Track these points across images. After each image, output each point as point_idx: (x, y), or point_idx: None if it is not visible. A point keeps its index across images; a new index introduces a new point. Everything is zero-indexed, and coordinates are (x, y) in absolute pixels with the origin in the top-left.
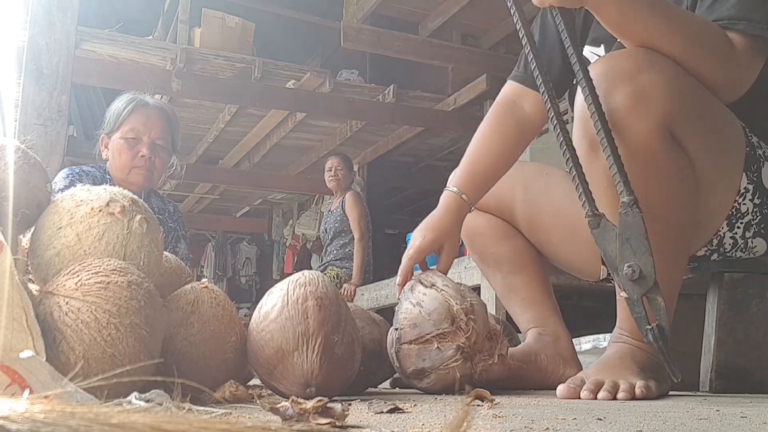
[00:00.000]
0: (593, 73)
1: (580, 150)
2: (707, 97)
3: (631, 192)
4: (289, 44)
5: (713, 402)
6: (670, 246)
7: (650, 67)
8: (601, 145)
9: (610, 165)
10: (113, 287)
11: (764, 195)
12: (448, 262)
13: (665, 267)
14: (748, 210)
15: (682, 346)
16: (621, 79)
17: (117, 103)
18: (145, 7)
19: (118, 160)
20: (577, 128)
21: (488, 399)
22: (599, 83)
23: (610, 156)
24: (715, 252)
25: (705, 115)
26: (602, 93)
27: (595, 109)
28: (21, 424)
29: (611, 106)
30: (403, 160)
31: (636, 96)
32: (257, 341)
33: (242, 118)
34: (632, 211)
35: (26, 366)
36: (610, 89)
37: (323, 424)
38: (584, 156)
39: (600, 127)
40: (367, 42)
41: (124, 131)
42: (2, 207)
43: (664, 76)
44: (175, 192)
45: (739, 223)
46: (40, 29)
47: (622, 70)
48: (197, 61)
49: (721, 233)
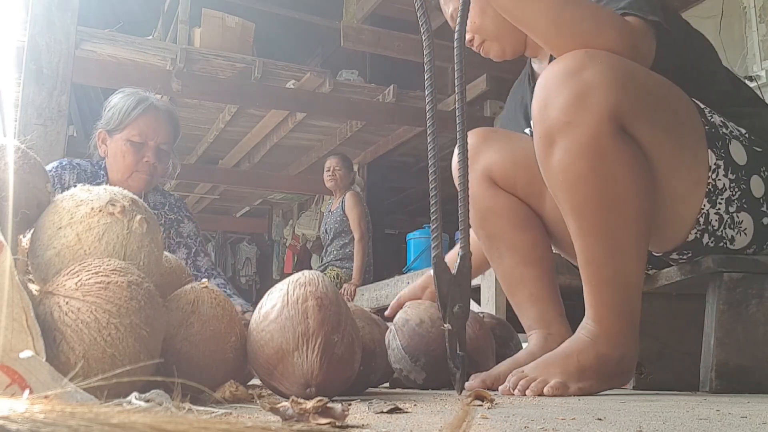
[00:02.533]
0: (543, 77)
1: (537, 151)
2: (654, 79)
3: (467, 247)
4: (289, 44)
5: (713, 402)
6: (627, 236)
7: (593, 63)
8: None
9: (461, 219)
10: (113, 287)
11: (738, 171)
12: None
13: (623, 258)
14: (725, 186)
15: (682, 346)
16: (566, 76)
17: (122, 100)
18: (145, 7)
19: (121, 162)
20: (535, 130)
21: (488, 399)
22: (548, 84)
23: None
24: (704, 232)
25: (653, 98)
26: (550, 92)
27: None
28: (21, 424)
29: (559, 103)
30: (403, 160)
31: (581, 91)
32: (257, 341)
33: (242, 118)
34: (465, 263)
35: (26, 366)
36: (558, 88)
37: (323, 424)
38: (541, 157)
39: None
40: (367, 42)
41: (130, 133)
42: (2, 207)
43: (608, 69)
44: (175, 192)
45: (720, 199)
46: (40, 29)
47: (566, 69)
48: (197, 61)
49: (705, 211)
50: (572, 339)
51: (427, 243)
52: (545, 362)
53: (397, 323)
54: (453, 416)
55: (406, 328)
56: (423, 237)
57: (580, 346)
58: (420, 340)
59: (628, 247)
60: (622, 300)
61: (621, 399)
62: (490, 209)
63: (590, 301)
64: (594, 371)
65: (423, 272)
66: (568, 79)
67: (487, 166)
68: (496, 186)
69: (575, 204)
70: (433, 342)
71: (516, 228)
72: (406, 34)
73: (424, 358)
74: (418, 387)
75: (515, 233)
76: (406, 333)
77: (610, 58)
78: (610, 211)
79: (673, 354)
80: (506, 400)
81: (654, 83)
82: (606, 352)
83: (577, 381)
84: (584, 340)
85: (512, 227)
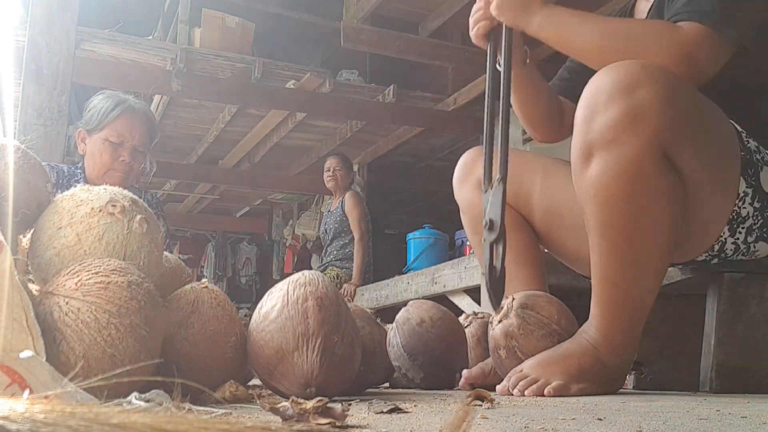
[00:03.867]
0: (592, 85)
1: (573, 158)
2: (702, 104)
3: (505, 171)
4: (289, 44)
5: (713, 402)
6: (649, 262)
7: (648, 81)
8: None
9: (501, 142)
10: (113, 287)
11: (764, 199)
12: None
13: (640, 282)
14: (749, 214)
15: (682, 346)
16: (618, 92)
17: (102, 101)
18: (145, 7)
19: (99, 160)
20: (574, 137)
21: (488, 399)
22: (597, 95)
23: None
24: (716, 257)
25: (700, 125)
26: (598, 105)
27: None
28: (21, 424)
29: (606, 119)
30: (403, 160)
31: (631, 111)
32: (257, 341)
33: (242, 118)
34: (500, 185)
35: (26, 366)
36: (607, 102)
37: (323, 424)
38: (575, 165)
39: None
40: (367, 42)
41: (107, 133)
42: (2, 207)
43: (662, 90)
44: (175, 192)
45: (741, 228)
46: (40, 29)
47: (619, 82)
48: (197, 61)
49: (723, 238)
50: (573, 341)
51: (427, 243)
52: (546, 362)
53: (398, 321)
54: (453, 416)
55: (406, 327)
56: (423, 237)
57: (582, 349)
58: (419, 339)
59: (647, 273)
60: (631, 320)
61: (621, 399)
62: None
63: (598, 313)
64: (592, 374)
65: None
66: (620, 96)
67: (479, 177)
68: None
69: (603, 221)
70: (432, 342)
71: (507, 230)
72: (406, 34)
73: (422, 357)
74: (417, 386)
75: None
76: (406, 331)
77: (665, 76)
78: (638, 237)
79: (673, 354)
80: (506, 400)
81: (701, 107)
82: (606, 360)
83: (578, 382)
84: (586, 344)
85: None
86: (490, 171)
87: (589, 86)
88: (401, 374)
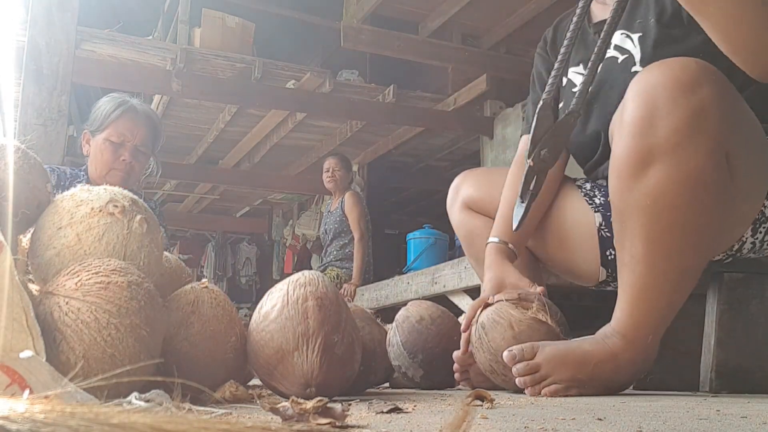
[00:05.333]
0: (646, 84)
1: (622, 166)
2: (745, 106)
3: (578, 105)
4: (289, 44)
5: (713, 402)
6: (693, 269)
7: (707, 80)
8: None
9: (588, 75)
10: (113, 287)
11: None
12: (513, 294)
13: (682, 290)
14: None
15: (682, 346)
16: (681, 92)
17: (106, 103)
18: (145, 7)
19: (100, 159)
20: (627, 142)
21: (488, 399)
22: (656, 96)
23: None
24: (731, 257)
25: (750, 127)
26: (659, 106)
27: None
28: (21, 424)
29: (672, 121)
30: (403, 160)
31: (698, 112)
32: (257, 341)
33: (242, 118)
34: (570, 120)
35: (26, 366)
36: (670, 103)
37: (323, 424)
38: (625, 173)
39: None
40: (367, 42)
41: (109, 133)
42: (2, 207)
43: (721, 91)
44: (175, 192)
45: (762, 228)
46: (40, 29)
47: (680, 82)
48: (197, 61)
49: (744, 238)
50: (593, 343)
51: (427, 243)
52: (559, 359)
53: (398, 320)
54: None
55: (405, 325)
56: (423, 237)
57: (600, 356)
58: (418, 336)
59: (688, 279)
60: (662, 325)
61: (621, 399)
62: (472, 231)
63: (627, 319)
64: (601, 381)
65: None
66: (684, 97)
67: (465, 199)
68: (474, 212)
69: (653, 230)
70: (432, 340)
71: None
72: (406, 34)
73: (422, 354)
74: (417, 386)
75: None
76: (405, 329)
77: (718, 74)
78: (688, 246)
79: (673, 354)
80: (506, 401)
81: (746, 108)
82: (624, 367)
83: (581, 387)
84: (606, 350)
85: None
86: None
87: (642, 84)
88: (401, 373)
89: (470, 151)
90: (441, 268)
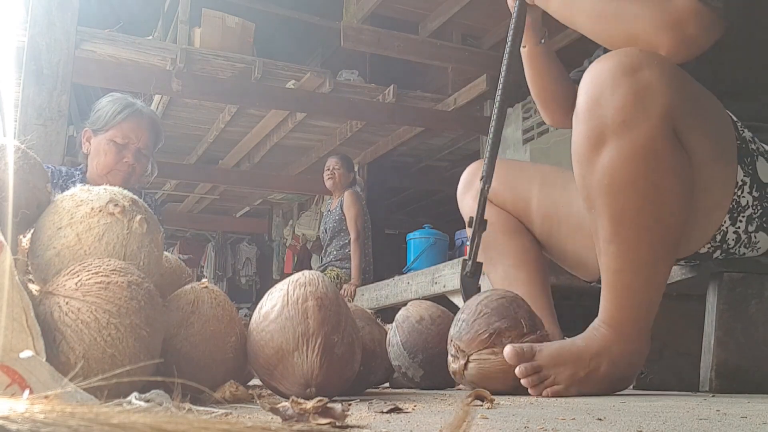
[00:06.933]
0: (593, 72)
1: (579, 150)
2: (701, 91)
3: (487, 170)
4: (289, 44)
5: (713, 402)
6: (662, 247)
7: (649, 63)
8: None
9: (490, 137)
10: (113, 287)
11: (762, 188)
12: None
13: (655, 268)
14: (748, 203)
15: (682, 346)
16: (622, 74)
17: (110, 103)
18: (145, 7)
19: (102, 159)
20: (580, 126)
21: (488, 399)
22: (600, 80)
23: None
24: (718, 249)
25: (703, 106)
26: (604, 89)
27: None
28: (21, 424)
29: (615, 101)
30: (403, 160)
31: (639, 91)
32: (257, 341)
33: (242, 118)
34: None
35: (26, 366)
36: (614, 85)
37: (323, 424)
38: (583, 156)
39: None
40: (367, 42)
41: (113, 135)
42: (2, 207)
43: (665, 70)
44: (175, 192)
45: (741, 217)
46: (40, 29)
47: (622, 66)
48: (197, 61)
49: (724, 228)
50: (585, 338)
51: (427, 243)
52: (558, 357)
53: (398, 320)
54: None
55: (405, 324)
56: (423, 237)
57: (594, 349)
58: (418, 336)
59: (661, 257)
60: (645, 309)
61: (621, 399)
62: None
63: (610, 306)
64: (602, 376)
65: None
66: (625, 77)
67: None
68: (489, 202)
69: (616, 209)
70: (432, 339)
71: (506, 235)
72: (406, 34)
73: (422, 354)
74: (417, 386)
75: (506, 239)
76: (405, 329)
77: (664, 60)
78: (652, 220)
79: (673, 354)
80: (506, 401)
81: (700, 91)
82: (618, 358)
83: (580, 386)
84: (597, 343)
85: (503, 234)
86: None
87: (589, 74)
88: (401, 373)
89: (470, 151)
90: (441, 268)
